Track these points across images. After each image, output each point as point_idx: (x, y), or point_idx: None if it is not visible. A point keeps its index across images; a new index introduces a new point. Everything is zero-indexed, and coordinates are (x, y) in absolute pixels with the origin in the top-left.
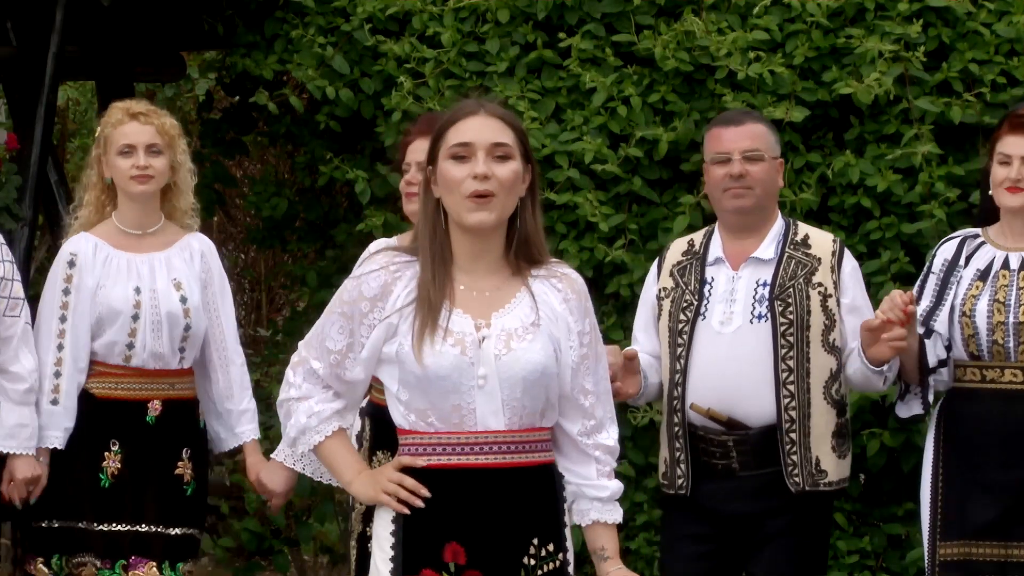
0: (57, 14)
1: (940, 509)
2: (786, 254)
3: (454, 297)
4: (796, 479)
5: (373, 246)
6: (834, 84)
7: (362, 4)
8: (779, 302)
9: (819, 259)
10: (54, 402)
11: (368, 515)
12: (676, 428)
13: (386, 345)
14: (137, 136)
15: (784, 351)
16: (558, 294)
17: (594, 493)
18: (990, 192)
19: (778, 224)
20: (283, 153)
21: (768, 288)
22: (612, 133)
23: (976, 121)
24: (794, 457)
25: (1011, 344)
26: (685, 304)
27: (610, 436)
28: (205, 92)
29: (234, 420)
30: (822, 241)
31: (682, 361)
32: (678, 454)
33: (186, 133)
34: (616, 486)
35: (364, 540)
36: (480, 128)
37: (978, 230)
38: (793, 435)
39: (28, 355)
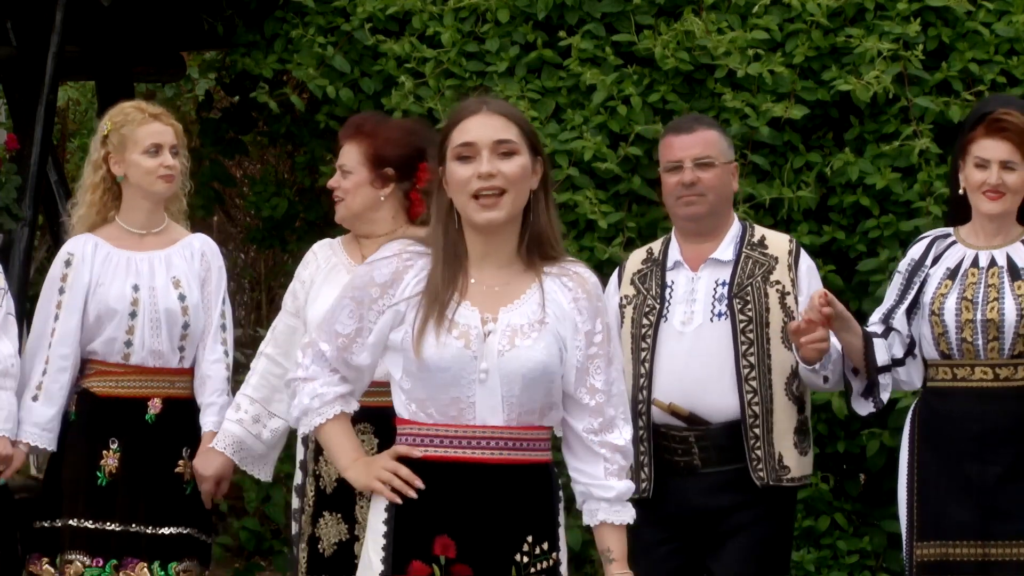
0: (57, 14)
1: (916, 509)
2: (744, 254)
3: (464, 290)
4: (761, 474)
5: (316, 246)
6: (833, 82)
7: (362, 4)
8: (738, 300)
9: (776, 258)
10: (34, 398)
11: (315, 518)
12: (640, 432)
13: (393, 332)
14: (163, 136)
15: (744, 347)
16: (568, 293)
17: (601, 493)
18: (960, 192)
19: (735, 227)
20: (283, 153)
21: (727, 287)
22: (612, 132)
23: None
24: (758, 452)
25: (980, 342)
26: (647, 309)
27: (621, 436)
28: (205, 92)
29: (202, 411)
30: (778, 241)
31: (647, 365)
32: (642, 457)
33: (186, 133)
34: (624, 487)
35: (314, 542)
36: (483, 127)
37: (949, 230)
38: (757, 430)
39: (6, 342)
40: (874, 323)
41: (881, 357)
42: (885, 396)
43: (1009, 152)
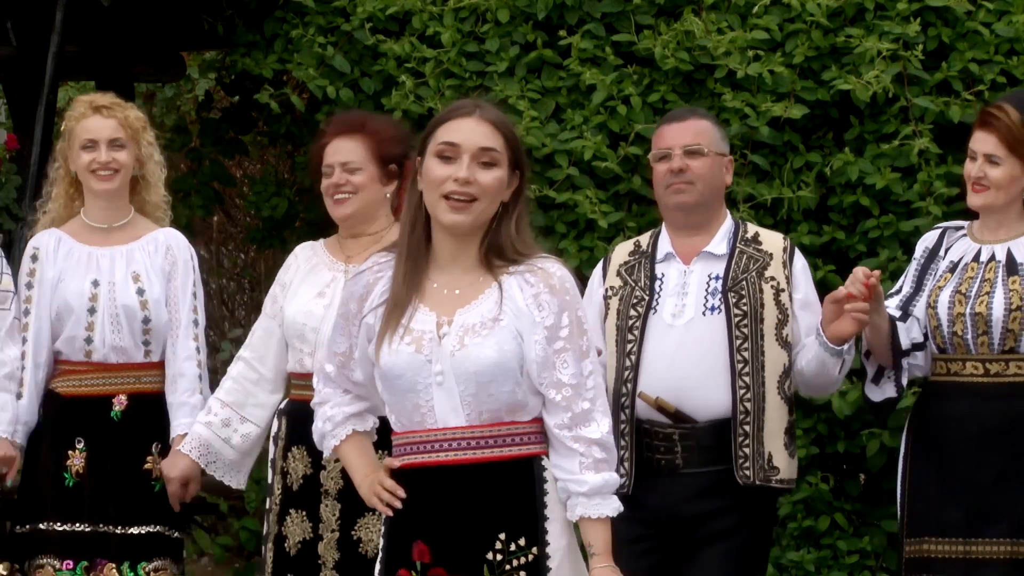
0: (57, 14)
1: (907, 506)
2: (737, 249)
3: (423, 294)
4: (747, 472)
5: (298, 249)
6: (833, 82)
7: (362, 4)
8: (732, 294)
9: (771, 255)
10: (19, 396)
11: (282, 516)
12: (623, 425)
13: (369, 345)
14: (99, 131)
15: (739, 342)
16: (529, 288)
17: (576, 488)
18: None
19: (728, 222)
20: (283, 153)
21: (721, 281)
22: (612, 132)
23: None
24: (746, 450)
25: (969, 336)
26: (635, 300)
27: (598, 429)
28: (205, 92)
29: (173, 412)
30: (772, 238)
31: (633, 357)
32: (623, 452)
33: (186, 133)
34: (600, 480)
35: (280, 541)
36: (471, 131)
37: (963, 223)
38: (747, 427)
39: (12, 346)
40: (890, 309)
41: (904, 341)
42: (905, 380)
43: (994, 146)
